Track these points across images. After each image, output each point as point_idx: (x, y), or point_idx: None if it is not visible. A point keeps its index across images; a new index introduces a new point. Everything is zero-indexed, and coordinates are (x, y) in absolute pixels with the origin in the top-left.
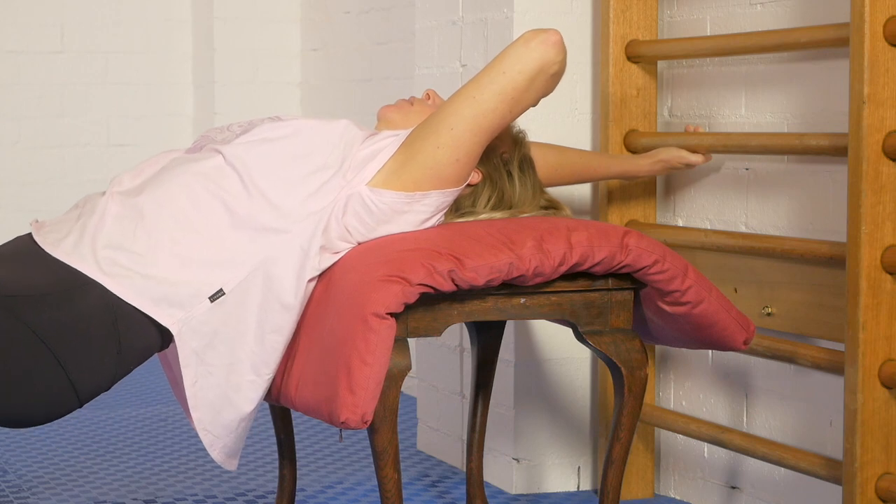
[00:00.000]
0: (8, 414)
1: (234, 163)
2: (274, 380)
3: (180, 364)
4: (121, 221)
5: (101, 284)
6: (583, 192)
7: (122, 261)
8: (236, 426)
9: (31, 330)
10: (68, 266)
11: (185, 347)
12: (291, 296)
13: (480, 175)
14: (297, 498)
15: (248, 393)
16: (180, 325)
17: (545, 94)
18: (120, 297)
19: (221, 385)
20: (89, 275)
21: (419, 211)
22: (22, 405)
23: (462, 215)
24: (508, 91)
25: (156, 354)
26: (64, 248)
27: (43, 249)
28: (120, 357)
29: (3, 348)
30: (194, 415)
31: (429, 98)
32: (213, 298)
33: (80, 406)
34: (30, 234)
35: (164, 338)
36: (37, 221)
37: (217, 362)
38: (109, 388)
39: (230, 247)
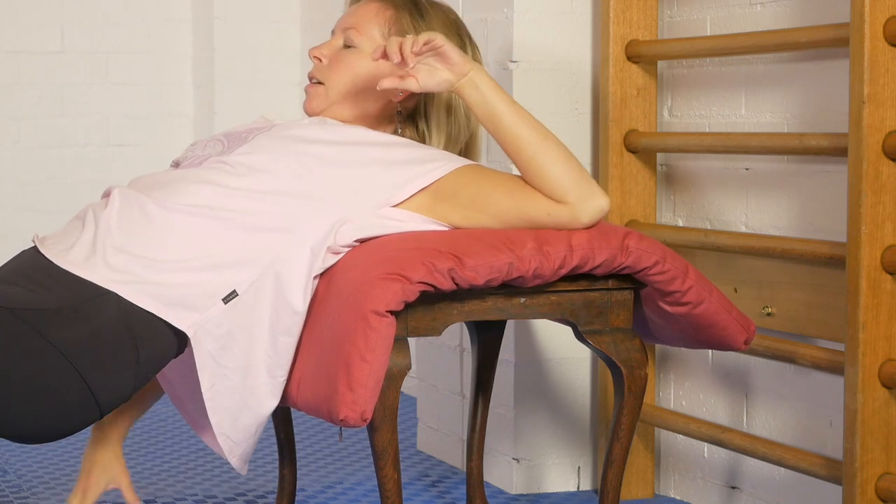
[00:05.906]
0: (30, 429)
1: (244, 164)
2: None
3: (197, 367)
4: (129, 226)
5: (115, 293)
6: None
7: (133, 267)
8: (255, 431)
9: (50, 344)
10: (80, 278)
11: (201, 350)
12: (301, 297)
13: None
14: (297, 498)
15: (265, 397)
16: (195, 328)
17: None
18: (134, 303)
19: (238, 389)
20: (102, 284)
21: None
22: (44, 419)
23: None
24: (536, 224)
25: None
26: (73, 259)
27: (52, 262)
28: (139, 366)
29: (24, 364)
30: (213, 419)
31: (320, 60)
32: (226, 300)
33: (101, 417)
34: (34, 248)
35: (180, 342)
36: (38, 236)
37: (232, 365)
38: (130, 397)
39: (240, 247)
